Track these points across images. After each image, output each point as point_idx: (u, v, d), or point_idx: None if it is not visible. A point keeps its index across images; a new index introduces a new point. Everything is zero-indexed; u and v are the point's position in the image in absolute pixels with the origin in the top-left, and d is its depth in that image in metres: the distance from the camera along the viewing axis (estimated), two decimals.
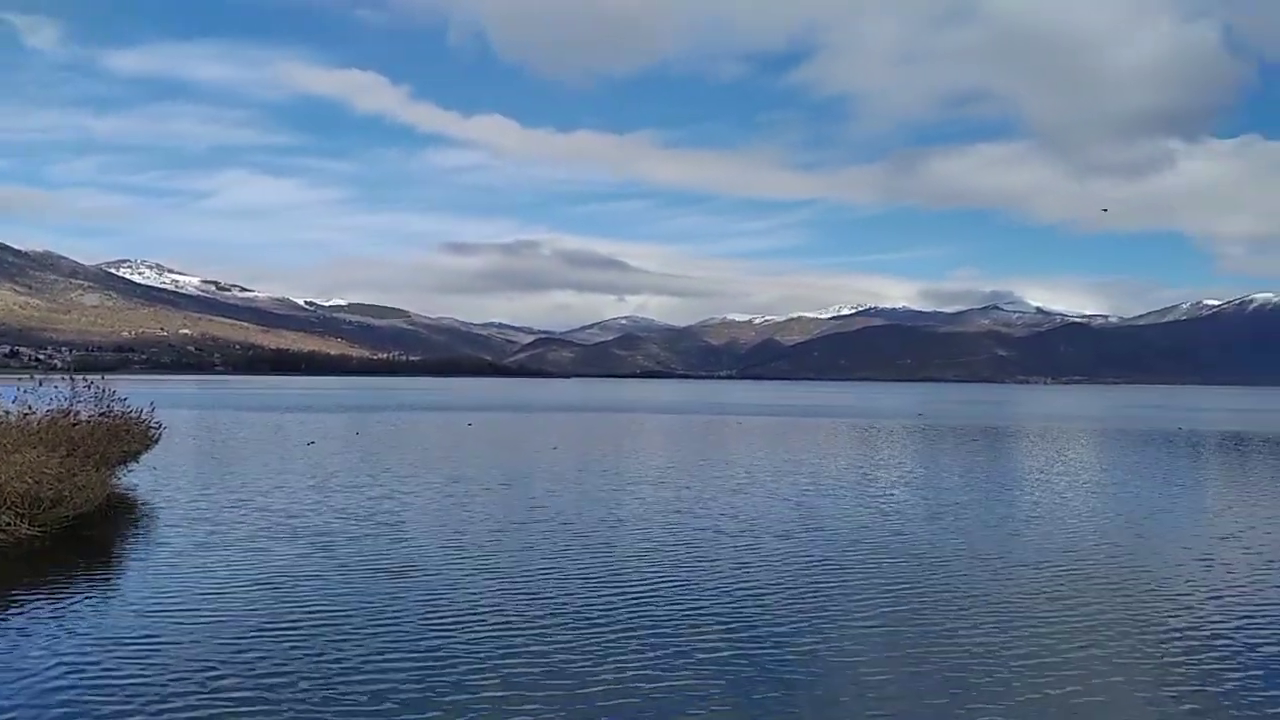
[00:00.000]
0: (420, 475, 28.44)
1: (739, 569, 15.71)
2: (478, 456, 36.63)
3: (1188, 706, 9.64)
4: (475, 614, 12.64)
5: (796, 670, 10.62)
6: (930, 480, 29.62)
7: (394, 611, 12.70)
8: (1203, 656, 11.24)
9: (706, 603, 13.46)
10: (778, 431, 56.44)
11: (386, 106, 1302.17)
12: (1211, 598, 14.16)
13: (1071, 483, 29.36)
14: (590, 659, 10.79)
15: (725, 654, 11.08)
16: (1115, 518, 22.11)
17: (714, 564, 16.09)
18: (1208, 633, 12.26)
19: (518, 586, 14.24)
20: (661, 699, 9.61)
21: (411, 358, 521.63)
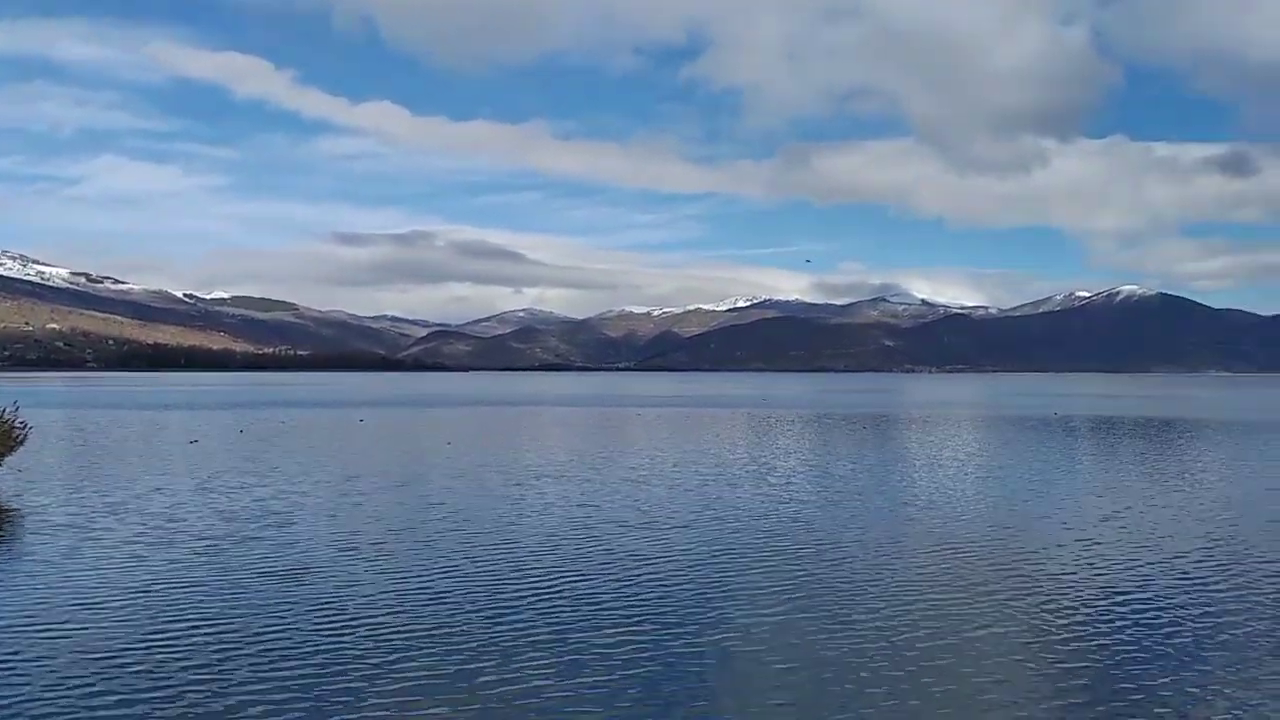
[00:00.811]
0: (310, 474, 27.44)
1: (643, 561, 15.63)
2: (370, 454, 35.61)
3: (1075, 681, 10.00)
4: (371, 617, 12.18)
5: (701, 662, 10.59)
6: (826, 467, 30.22)
7: (284, 618, 12.11)
8: (1089, 633, 11.73)
9: (611, 596, 13.33)
10: (677, 422, 56.84)
11: (270, 91, 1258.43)
12: (1096, 576, 14.81)
13: (959, 467, 30.43)
14: (492, 658, 10.51)
15: (630, 648, 10.96)
16: (1001, 501, 23.00)
17: (618, 557, 15.97)
18: (1094, 610, 12.80)
19: (415, 587, 13.81)
20: (566, 696, 9.42)
21: (299, 352, 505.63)
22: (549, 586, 13.89)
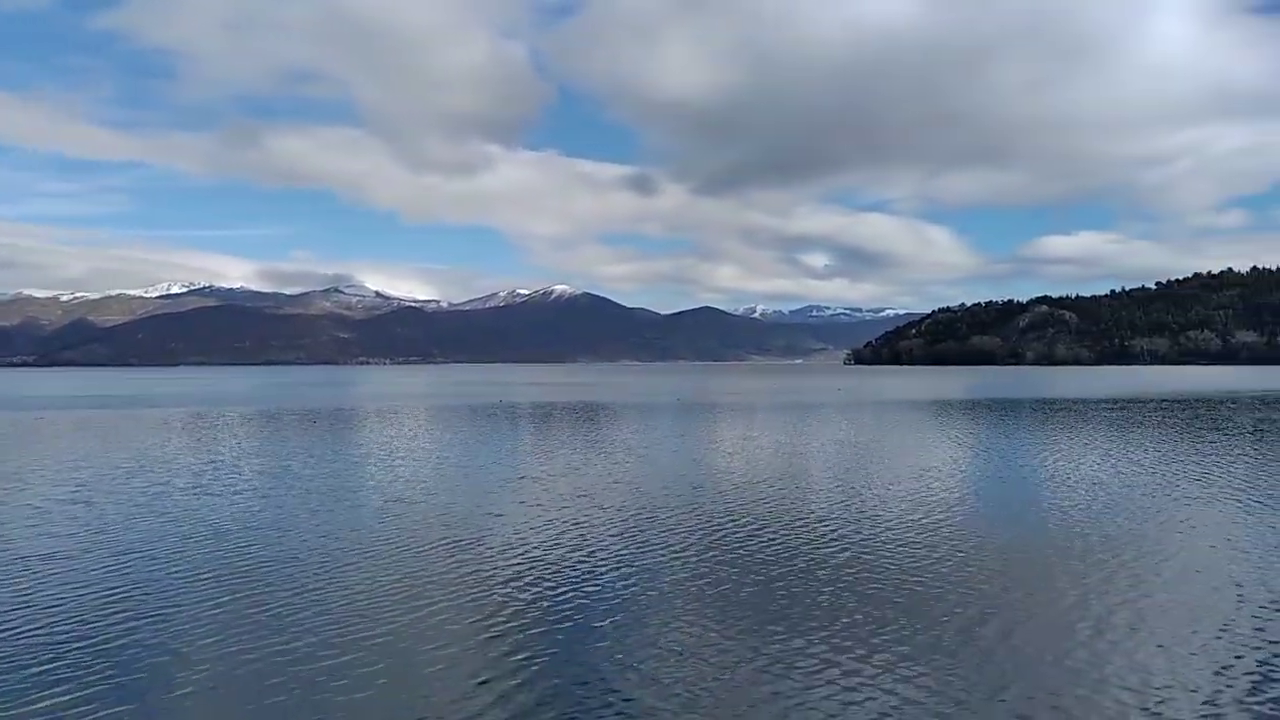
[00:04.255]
0: None
1: (79, 590, 12.87)
2: None
3: (511, 651, 10.50)
4: None
5: (142, 675, 8.95)
6: (280, 468, 28.32)
7: None
8: (538, 611, 12.43)
9: (40, 633, 10.68)
10: (102, 426, 48.93)
11: None
12: (551, 550, 15.84)
13: (414, 458, 30.77)
14: None
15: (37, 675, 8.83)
16: (456, 488, 23.66)
17: (51, 588, 12.93)
18: (551, 585, 13.63)
19: None
20: None
21: None
22: None
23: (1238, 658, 10.47)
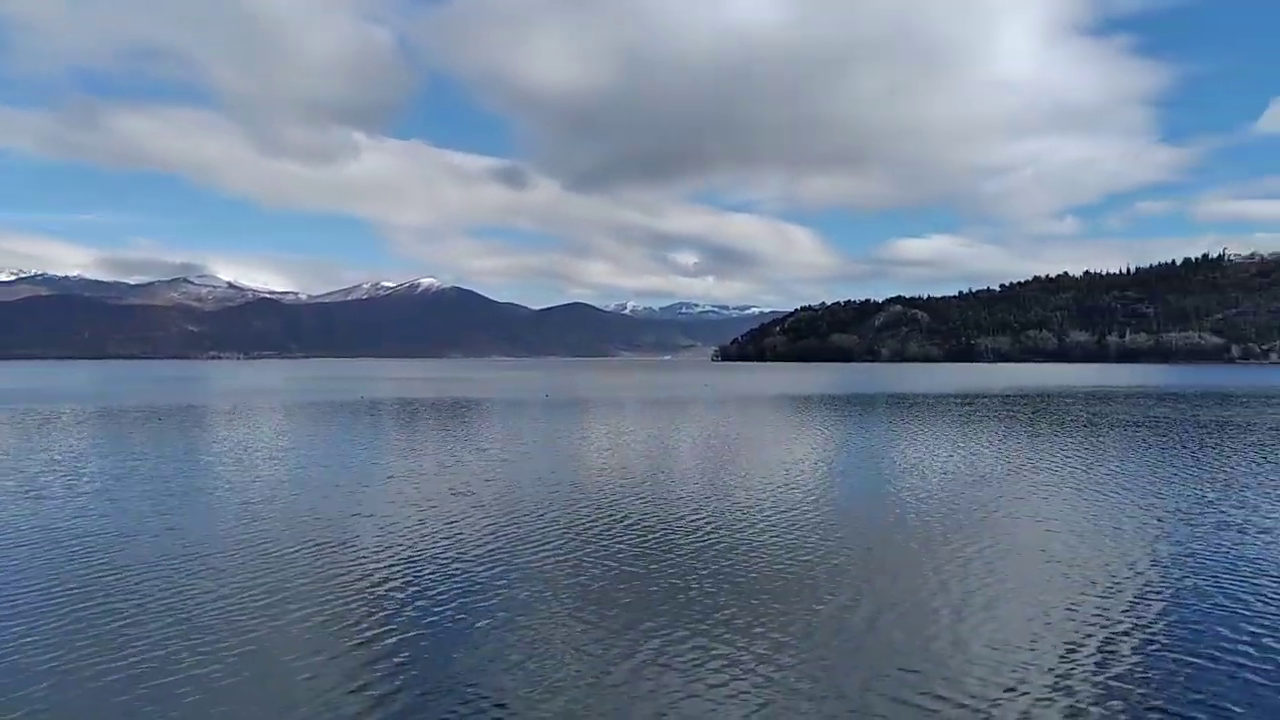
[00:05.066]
0: None
1: None
2: None
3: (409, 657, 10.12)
4: None
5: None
6: (131, 470, 26.51)
7: None
8: (407, 613, 12.02)
9: None
10: None
11: None
12: (426, 554, 15.36)
13: (289, 459, 29.41)
14: None
15: None
16: (315, 489, 22.72)
17: None
18: (421, 586, 13.20)
19: None
20: None
21: None
22: None
23: (1087, 636, 11.12)
